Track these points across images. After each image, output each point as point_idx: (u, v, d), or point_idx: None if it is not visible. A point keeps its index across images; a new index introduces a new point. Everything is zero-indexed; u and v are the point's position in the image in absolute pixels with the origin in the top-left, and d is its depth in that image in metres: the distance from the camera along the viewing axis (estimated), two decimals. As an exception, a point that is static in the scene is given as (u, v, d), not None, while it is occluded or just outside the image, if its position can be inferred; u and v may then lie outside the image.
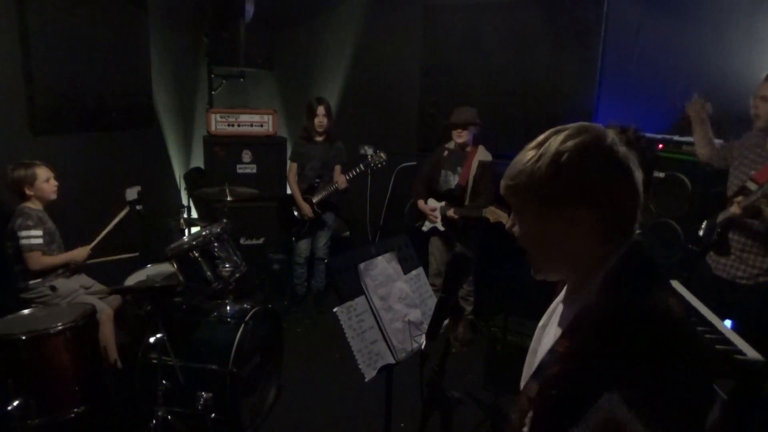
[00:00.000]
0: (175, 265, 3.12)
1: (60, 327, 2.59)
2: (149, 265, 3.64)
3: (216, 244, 3.16)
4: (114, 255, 3.54)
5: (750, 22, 3.57)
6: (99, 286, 3.38)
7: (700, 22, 3.74)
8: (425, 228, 4.16)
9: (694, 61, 3.76)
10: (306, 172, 4.51)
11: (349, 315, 1.92)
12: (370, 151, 5.04)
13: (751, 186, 2.59)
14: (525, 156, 0.98)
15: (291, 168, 4.59)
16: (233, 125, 5.02)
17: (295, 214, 4.52)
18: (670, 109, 3.82)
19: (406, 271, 2.16)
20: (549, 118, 4.30)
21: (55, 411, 2.56)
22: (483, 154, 3.95)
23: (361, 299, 1.97)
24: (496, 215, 3.52)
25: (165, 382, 2.68)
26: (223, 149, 4.94)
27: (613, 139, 0.95)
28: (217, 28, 4.95)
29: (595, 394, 0.83)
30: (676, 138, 3.49)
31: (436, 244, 4.19)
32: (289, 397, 3.39)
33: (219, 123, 4.98)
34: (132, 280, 3.44)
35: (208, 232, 3.26)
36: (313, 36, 5.54)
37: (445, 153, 4.07)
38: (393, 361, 1.95)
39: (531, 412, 0.93)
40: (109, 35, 4.20)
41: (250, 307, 3.09)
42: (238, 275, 3.21)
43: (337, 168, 4.50)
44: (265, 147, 5.07)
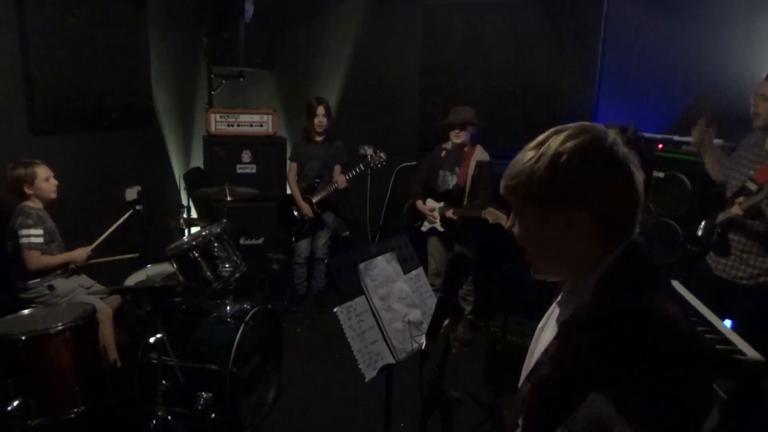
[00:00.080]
0: (174, 265, 3.12)
1: (60, 327, 2.59)
2: (149, 265, 3.64)
3: (216, 244, 3.16)
4: (114, 255, 3.54)
5: (750, 22, 3.57)
6: (99, 286, 3.38)
7: (700, 22, 3.74)
8: (424, 228, 4.16)
9: (694, 61, 3.77)
10: (306, 172, 4.51)
11: (349, 315, 1.92)
12: (370, 151, 5.05)
13: (751, 186, 2.58)
14: (525, 156, 0.98)
15: (291, 168, 4.59)
16: (233, 125, 5.02)
17: (294, 214, 4.52)
18: (670, 109, 3.82)
19: (406, 271, 2.16)
20: (549, 118, 4.30)
21: (55, 411, 2.57)
22: (481, 154, 3.95)
23: (361, 299, 1.97)
24: (495, 216, 3.52)
25: (165, 382, 2.68)
26: (222, 149, 4.94)
27: (614, 139, 0.95)
28: (217, 28, 4.96)
29: (583, 395, 0.83)
30: (676, 138, 3.50)
31: (435, 244, 4.19)
32: (289, 397, 3.39)
33: (219, 123, 4.98)
34: (132, 280, 3.44)
35: (207, 232, 3.26)
36: (313, 36, 5.54)
37: (443, 153, 4.07)
38: (393, 361, 1.95)
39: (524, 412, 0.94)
40: (109, 35, 4.20)
41: (250, 307, 3.09)
42: (237, 275, 3.21)
43: (337, 168, 4.50)
44: (264, 147, 5.07)
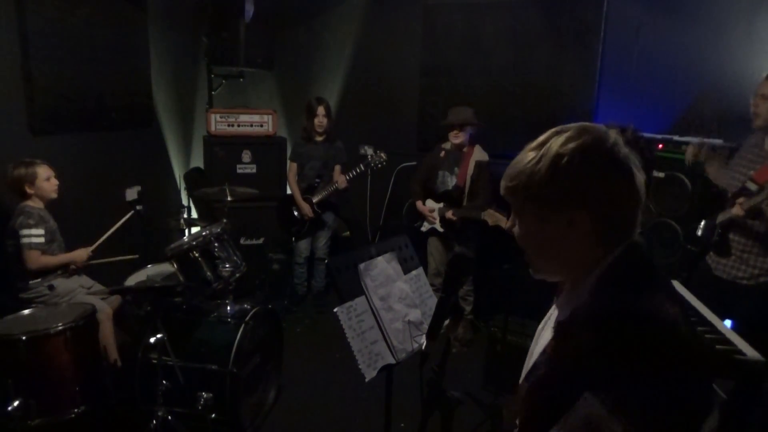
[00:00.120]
0: (175, 265, 3.12)
1: (60, 327, 2.59)
2: (149, 265, 3.64)
3: (216, 244, 3.16)
4: (114, 256, 3.54)
5: (750, 22, 3.57)
6: (99, 287, 3.39)
7: (700, 22, 3.74)
8: (424, 228, 4.16)
9: (694, 61, 3.76)
10: (306, 172, 4.51)
11: (349, 315, 1.92)
12: (370, 151, 5.05)
13: (751, 186, 2.58)
14: (525, 157, 0.97)
15: (291, 168, 4.59)
16: (233, 125, 5.02)
17: (295, 214, 4.52)
18: (670, 109, 3.82)
19: (406, 271, 2.16)
20: (548, 118, 4.30)
21: (55, 411, 2.57)
22: (480, 154, 3.95)
23: (361, 299, 1.97)
24: (495, 218, 3.51)
25: (165, 382, 2.68)
26: (223, 149, 4.94)
27: (616, 140, 0.94)
28: (217, 28, 4.96)
29: (578, 395, 0.83)
30: (676, 138, 3.49)
31: (434, 244, 4.19)
32: (289, 397, 3.39)
33: (219, 123, 4.98)
34: (132, 280, 3.44)
35: (208, 232, 3.26)
36: (313, 36, 5.54)
37: (442, 154, 4.07)
38: (393, 361, 1.95)
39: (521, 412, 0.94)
40: (109, 35, 4.20)
41: (250, 307, 3.09)
42: (238, 275, 3.21)
43: (337, 168, 4.50)
44: (264, 147, 5.07)
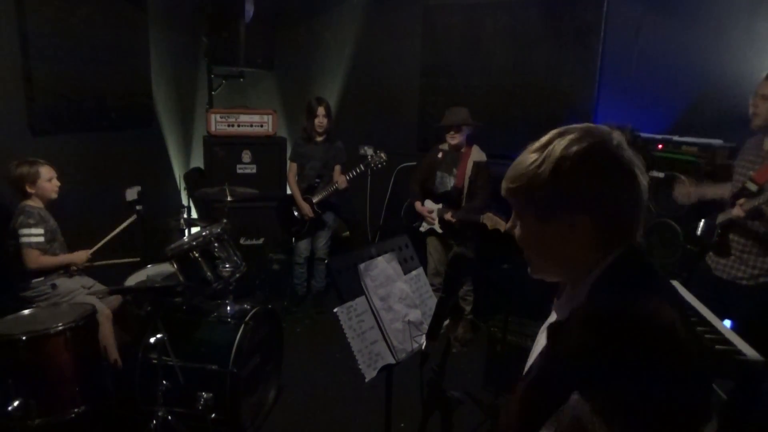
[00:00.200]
0: (175, 266, 3.12)
1: (60, 327, 2.59)
2: (149, 266, 3.63)
3: (216, 245, 3.16)
4: (115, 257, 3.54)
5: (750, 22, 3.57)
6: (99, 286, 3.39)
7: (700, 22, 3.74)
8: (423, 229, 4.16)
9: (694, 61, 3.76)
10: (306, 172, 4.51)
11: (349, 315, 1.92)
12: (370, 151, 5.05)
13: (751, 187, 2.58)
14: (527, 159, 0.96)
15: (291, 168, 4.59)
16: (233, 125, 5.02)
17: (295, 214, 4.52)
18: (670, 109, 3.82)
19: (406, 271, 2.16)
20: (548, 118, 4.31)
21: (55, 411, 2.56)
22: (477, 155, 3.94)
23: (361, 299, 1.97)
24: (494, 222, 3.51)
25: (165, 382, 2.68)
26: (223, 149, 4.94)
27: (619, 142, 0.93)
28: (217, 28, 4.96)
29: (567, 396, 0.83)
30: (676, 138, 3.50)
31: (433, 244, 4.19)
32: (289, 397, 3.39)
33: (219, 123, 4.98)
34: (132, 280, 3.44)
35: (208, 232, 3.26)
36: (313, 36, 5.54)
37: (440, 155, 4.07)
38: (393, 361, 1.95)
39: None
40: (109, 35, 4.20)
41: (250, 307, 3.09)
42: (238, 275, 3.21)
43: (337, 168, 4.50)
44: (264, 147, 5.07)
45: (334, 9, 5.39)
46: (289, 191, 4.67)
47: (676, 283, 2.69)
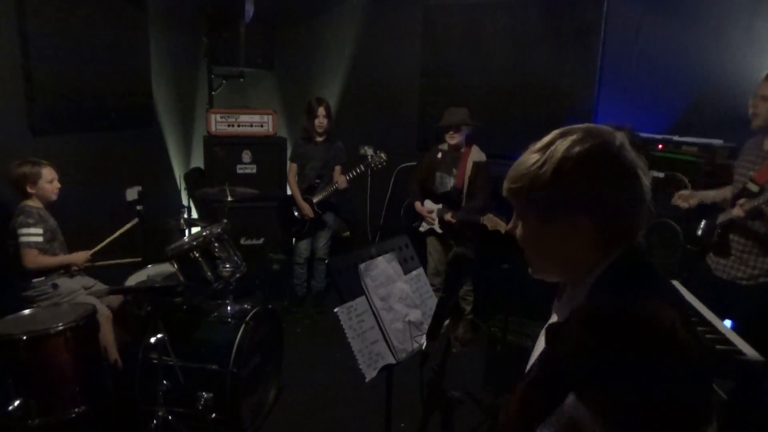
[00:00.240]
0: (175, 265, 3.12)
1: (60, 327, 2.59)
2: (149, 265, 3.64)
3: (216, 245, 3.16)
4: (116, 257, 3.54)
5: (750, 22, 3.57)
6: (100, 286, 3.39)
7: (700, 22, 3.74)
8: (422, 228, 4.16)
9: (694, 61, 3.76)
10: (306, 172, 4.51)
11: (349, 315, 1.92)
12: (370, 151, 5.05)
13: (752, 187, 2.58)
14: (529, 159, 0.96)
15: (291, 168, 4.59)
16: (233, 125, 5.02)
17: (295, 214, 4.52)
18: (670, 109, 3.82)
19: (407, 271, 2.16)
20: (549, 118, 4.31)
21: (55, 411, 2.56)
22: (477, 155, 3.94)
23: (361, 299, 1.97)
24: (494, 223, 3.50)
25: (165, 382, 2.68)
26: (223, 149, 4.94)
27: (622, 144, 0.93)
28: (217, 28, 4.96)
29: (564, 396, 0.83)
30: (676, 138, 3.50)
31: (433, 244, 4.19)
32: (289, 397, 3.39)
33: (219, 123, 4.98)
34: (132, 280, 3.44)
35: (208, 232, 3.26)
36: (313, 36, 5.54)
37: (439, 155, 4.07)
38: (393, 361, 1.95)
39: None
40: (109, 35, 4.20)
41: (250, 307, 3.10)
42: (238, 275, 3.21)
43: (337, 168, 4.50)
44: (265, 147, 5.07)
45: (334, 9, 5.39)
46: (289, 191, 4.67)
47: (676, 283, 2.69)
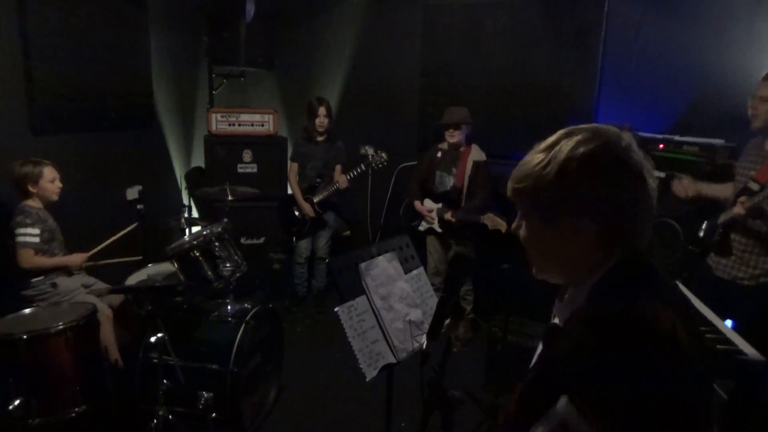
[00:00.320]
0: (175, 265, 3.12)
1: (61, 326, 2.59)
2: (150, 265, 3.64)
3: (217, 244, 3.16)
4: (116, 257, 3.54)
5: (750, 22, 3.57)
6: (100, 284, 3.39)
7: (700, 22, 3.74)
8: (422, 228, 4.16)
9: (694, 61, 3.76)
10: (307, 171, 4.51)
11: (349, 315, 1.92)
12: (370, 151, 5.05)
13: (753, 186, 2.58)
14: (533, 159, 0.95)
15: (292, 168, 4.60)
16: (234, 125, 5.03)
17: (295, 213, 4.52)
18: (670, 109, 3.82)
19: (407, 270, 2.16)
20: (549, 118, 4.31)
21: (55, 410, 2.56)
22: (477, 154, 3.94)
23: (362, 299, 1.97)
24: (495, 223, 3.50)
25: (166, 382, 2.68)
26: (223, 149, 4.94)
27: (628, 144, 0.92)
28: (218, 27, 4.96)
29: (558, 397, 0.83)
30: (676, 138, 3.50)
31: (433, 243, 4.19)
32: (289, 397, 3.39)
33: (219, 122, 4.98)
34: (133, 280, 3.45)
35: (208, 231, 3.26)
36: (313, 36, 5.55)
37: (439, 154, 4.07)
38: (394, 360, 1.96)
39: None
40: (109, 35, 4.20)
41: (250, 306, 3.10)
42: (238, 275, 3.21)
43: (338, 168, 4.50)
44: (265, 146, 5.08)
45: (334, 9, 5.39)
46: (289, 191, 4.67)
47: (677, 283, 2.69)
